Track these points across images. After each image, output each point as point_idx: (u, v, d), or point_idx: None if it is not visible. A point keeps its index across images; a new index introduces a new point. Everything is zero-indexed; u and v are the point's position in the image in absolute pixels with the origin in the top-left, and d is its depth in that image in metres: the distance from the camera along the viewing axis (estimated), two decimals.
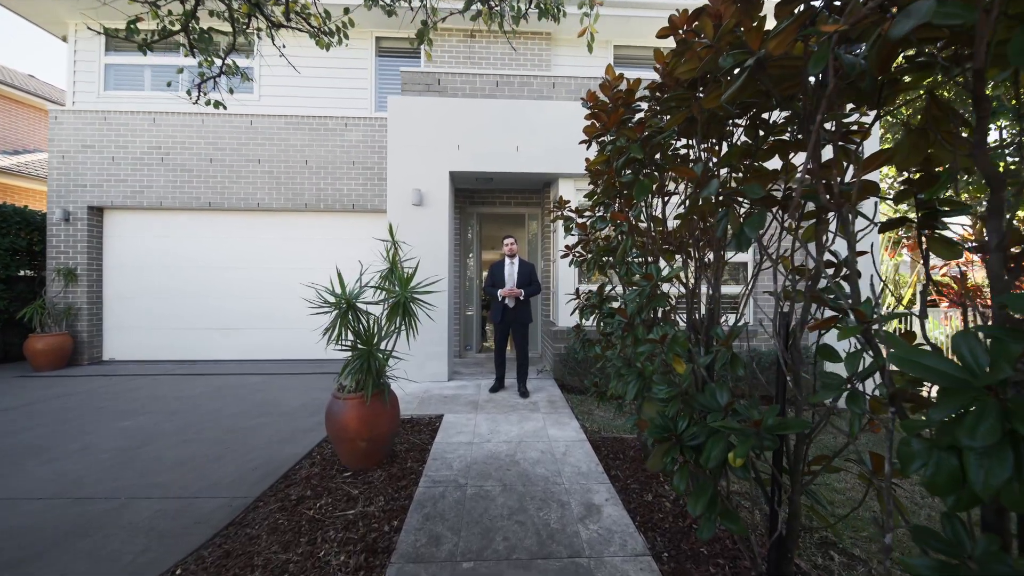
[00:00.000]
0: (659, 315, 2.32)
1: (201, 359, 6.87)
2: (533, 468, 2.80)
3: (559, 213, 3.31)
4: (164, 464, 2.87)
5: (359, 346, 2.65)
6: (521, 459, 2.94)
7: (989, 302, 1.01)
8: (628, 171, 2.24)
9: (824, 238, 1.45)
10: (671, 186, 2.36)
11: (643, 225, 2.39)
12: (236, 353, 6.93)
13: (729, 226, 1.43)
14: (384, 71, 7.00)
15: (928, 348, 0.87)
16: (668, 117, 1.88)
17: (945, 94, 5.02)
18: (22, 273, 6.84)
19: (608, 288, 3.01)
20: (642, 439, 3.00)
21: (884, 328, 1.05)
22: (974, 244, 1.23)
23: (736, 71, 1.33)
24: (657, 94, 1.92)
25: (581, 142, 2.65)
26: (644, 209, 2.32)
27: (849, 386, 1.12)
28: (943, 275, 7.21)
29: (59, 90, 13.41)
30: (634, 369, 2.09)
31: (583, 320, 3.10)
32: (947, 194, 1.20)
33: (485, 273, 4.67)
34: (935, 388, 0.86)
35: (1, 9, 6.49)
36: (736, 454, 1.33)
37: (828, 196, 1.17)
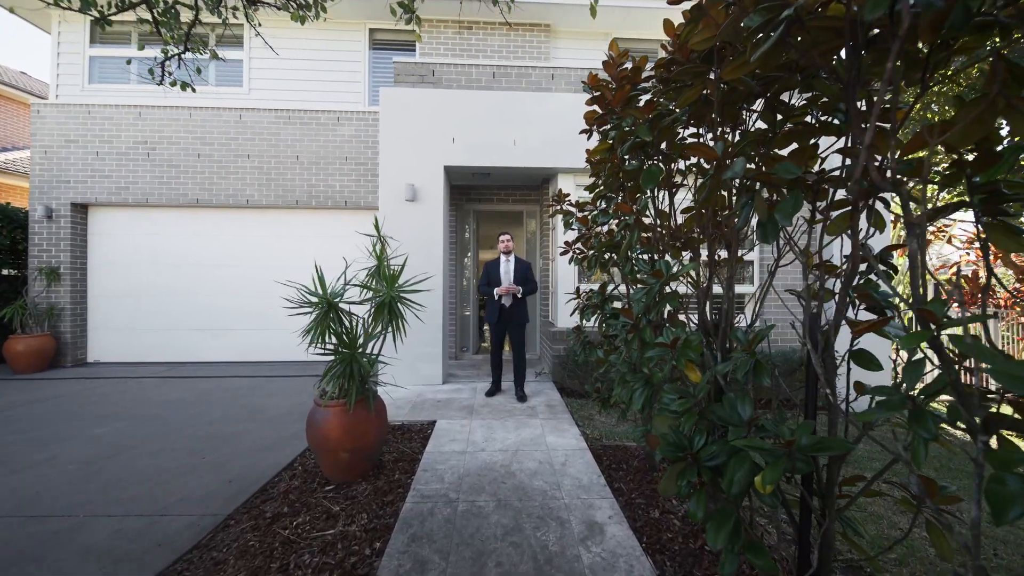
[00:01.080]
0: (665, 316, 2.13)
1: (190, 361, 6.66)
2: (530, 480, 2.60)
3: (558, 207, 3.12)
4: (133, 476, 2.67)
5: (341, 350, 2.45)
6: (517, 470, 2.74)
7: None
8: (633, 160, 2.06)
9: (859, 229, 1.26)
10: (678, 179, 2.17)
11: (648, 220, 2.20)
12: (226, 354, 6.72)
13: (755, 214, 1.24)
14: (378, 64, 6.80)
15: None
16: (674, 103, 1.70)
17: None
18: (5, 272, 6.62)
19: (611, 287, 2.81)
20: (647, 450, 2.81)
21: (950, 332, 0.86)
22: None
23: (759, 38, 1.15)
24: (665, 72, 1.72)
25: (582, 131, 2.48)
26: (651, 201, 2.12)
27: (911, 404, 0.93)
28: (951, 274, 7.03)
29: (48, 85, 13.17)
30: (640, 376, 1.90)
31: (584, 321, 2.90)
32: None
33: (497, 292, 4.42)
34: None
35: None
36: (765, 479, 1.14)
37: (883, 177, 0.98)
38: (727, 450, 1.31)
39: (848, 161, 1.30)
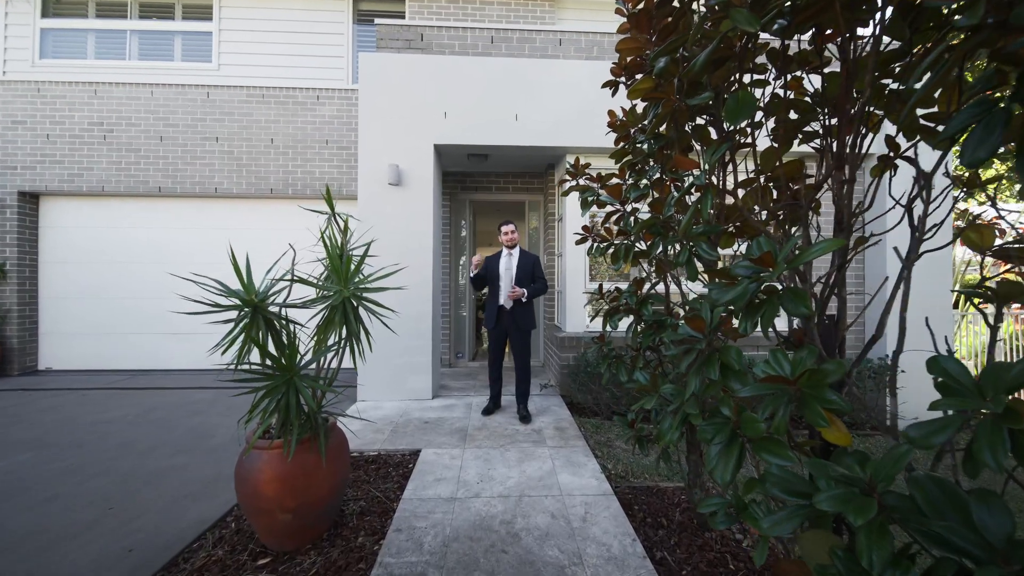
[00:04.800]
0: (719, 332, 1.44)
1: (153, 369, 5.96)
2: (541, 548, 1.91)
3: (574, 183, 2.42)
4: (2, 540, 1.97)
5: (274, 372, 1.76)
6: (523, 529, 2.05)
7: None
8: (705, 92, 1.36)
9: None
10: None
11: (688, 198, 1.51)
12: (193, 361, 6.02)
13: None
14: (363, 38, 6.11)
15: None
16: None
17: None
18: None
19: (647, 286, 2.13)
20: (693, 498, 2.11)
21: None
22: None
23: None
24: None
25: (605, 84, 1.86)
26: (727, 154, 1.44)
27: None
28: (1003, 273, 6.36)
29: None
30: (721, 423, 1.20)
31: (610, 328, 2.21)
32: None
33: (473, 262, 3.72)
34: None
35: None
36: None
37: None
38: None
39: None
